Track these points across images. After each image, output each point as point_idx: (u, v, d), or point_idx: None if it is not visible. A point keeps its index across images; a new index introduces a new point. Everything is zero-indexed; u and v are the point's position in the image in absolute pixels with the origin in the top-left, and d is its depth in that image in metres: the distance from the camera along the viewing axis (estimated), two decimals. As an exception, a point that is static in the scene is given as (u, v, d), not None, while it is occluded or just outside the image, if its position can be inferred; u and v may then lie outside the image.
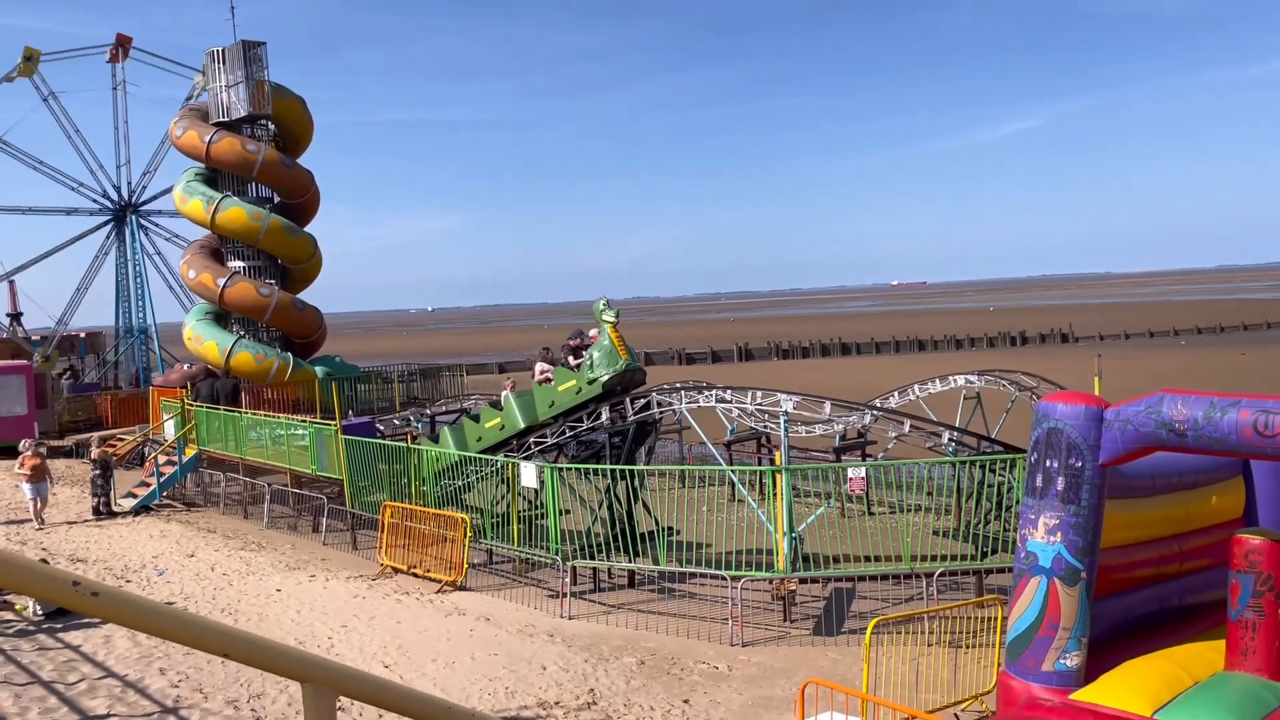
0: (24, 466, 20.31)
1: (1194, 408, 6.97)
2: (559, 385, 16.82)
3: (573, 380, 16.54)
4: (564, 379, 16.79)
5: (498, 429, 17.67)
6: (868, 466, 15.95)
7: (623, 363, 16.19)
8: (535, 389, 17.48)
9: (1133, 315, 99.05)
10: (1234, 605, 7.48)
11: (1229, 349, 58.38)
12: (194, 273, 29.63)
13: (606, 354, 16.07)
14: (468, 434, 18.15)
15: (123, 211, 43.43)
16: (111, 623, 1.79)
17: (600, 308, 16.15)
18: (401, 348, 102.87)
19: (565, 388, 16.66)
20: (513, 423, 17.51)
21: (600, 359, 16.09)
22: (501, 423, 17.68)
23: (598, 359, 16.13)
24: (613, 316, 16.11)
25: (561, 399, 16.71)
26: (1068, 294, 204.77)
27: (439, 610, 14.00)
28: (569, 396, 16.59)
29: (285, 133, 31.42)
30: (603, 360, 16.06)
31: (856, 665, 10.68)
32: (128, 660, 11.48)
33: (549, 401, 16.94)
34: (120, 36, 41.60)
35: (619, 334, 16.24)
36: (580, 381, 16.40)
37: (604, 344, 16.19)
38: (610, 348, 16.10)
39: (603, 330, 16.28)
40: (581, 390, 16.40)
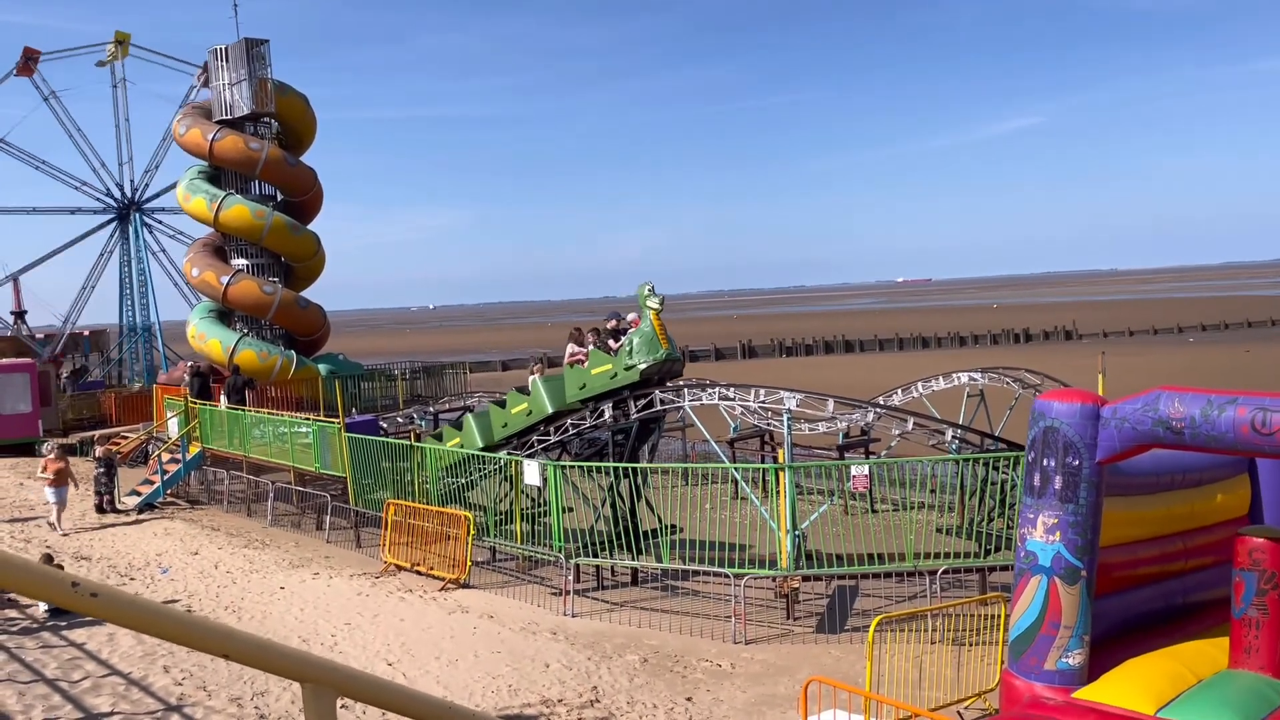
0: (46, 470, 19.90)
1: (1191, 405, 6.96)
2: (593, 368, 16.21)
3: (608, 364, 15.94)
4: (599, 362, 16.17)
5: (525, 414, 17.18)
6: (871, 464, 15.95)
7: (663, 351, 15.60)
8: (566, 371, 16.85)
9: (1137, 312, 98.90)
10: (1238, 603, 7.47)
11: (1234, 346, 58.28)
12: (197, 270, 29.67)
13: (647, 341, 15.50)
14: (493, 420, 17.76)
15: (126, 209, 43.51)
16: (111, 624, 1.79)
17: (645, 293, 15.47)
18: (404, 345, 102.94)
19: (600, 371, 16.05)
20: (540, 407, 16.99)
21: (640, 345, 15.52)
22: (529, 408, 17.16)
23: (638, 345, 15.55)
24: (657, 303, 15.45)
25: (594, 382, 16.12)
26: (1072, 291, 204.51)
27: (442, 608, 14.02)
28: (602, 380, 15.99)
29: (288, 130, 31.42)
30: (643, 347, 15.50)
31: (860, 663, 10.67)
32: (131, 658, 11.51)
33: (580, 384, 16.36)
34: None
35: (661, 321, 15.62)
36: (617, 366, 15.81)
37: (645, 330, 15.58)
38: (652, 335, 15.50)
39: (644, 316, 15.63)
40: (617, 375, 15.79)
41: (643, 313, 15.69)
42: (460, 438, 18.31)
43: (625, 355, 15.70)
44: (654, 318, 15.51)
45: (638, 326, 15.92)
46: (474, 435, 17.98)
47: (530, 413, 17.16)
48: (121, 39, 41.47)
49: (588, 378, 16.23)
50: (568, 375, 16.72)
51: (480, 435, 17.90)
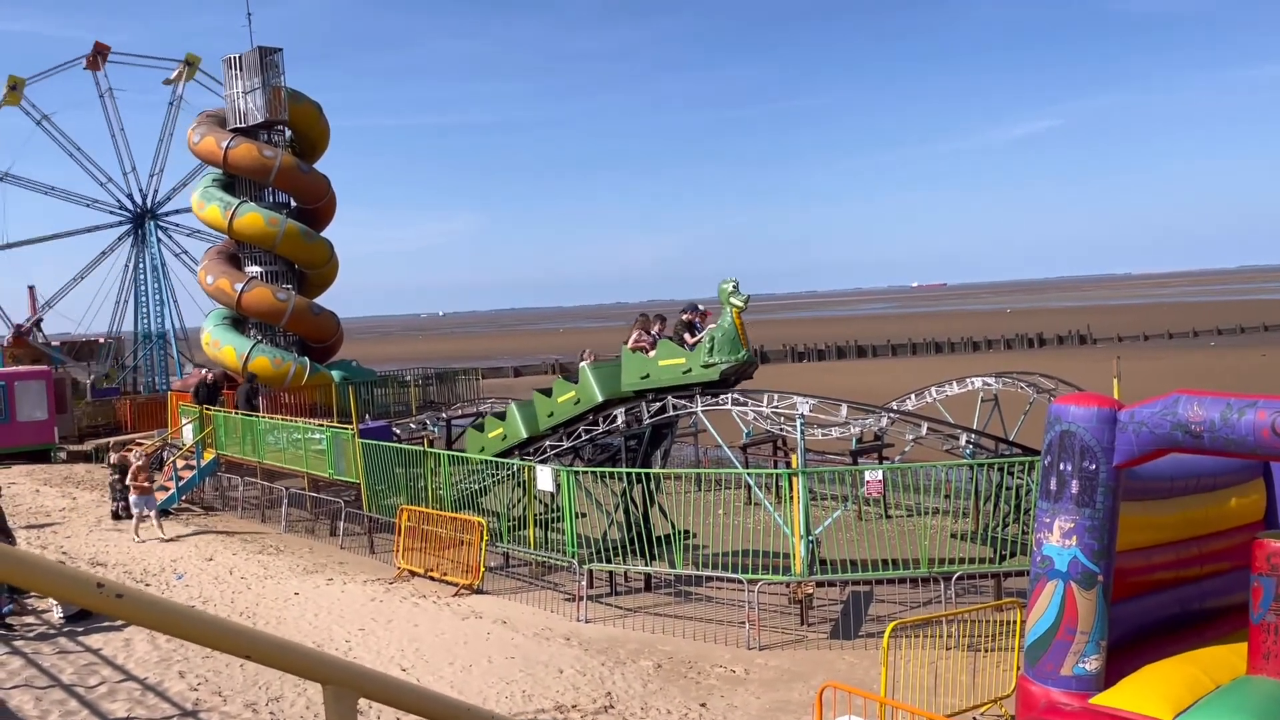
0: (138, 479, 19.49)
1: (1210, 409, 6.92)
2: (661, 359, 15.56)
3: (681, 358, 15.33)
4: (669, 354, 15.51)
5: (572, 402, 16.64)
6: (885, 469, 15.90)
7: (744, 353, 15.14)
8: (626, 356, 16.11)
9: (1152, 316, 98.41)
10: (1255, 609, 7.42)
11: (1250, 350, 57.93)
12: (212, 278, 29.86)
13: (729, 340, 14.95)
14: (539, 409, 17.21)
15: (140, 217, 43.80)
16: (135, 625, 1.81)
17: (729, 290, 14.86)
18: (417, 351, 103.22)
19: (669, 363, 15.41)
20: (589, 396, 16.42)
21: (722, 343, 14.93)
22: (577, 396, 16.60)
23: (719, 342, 14.94)
24: (741, 301, 14.86)
25: (660, 374, 15.47)
26: (1086, 295, 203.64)
27: (456, 613, 14.04)
28: (672, 373, 15.36)
29: (302, 138, 31.61)
30: (724, 345, 14.92)
31: (874, 669, 10.64)
32: (147, 663, 11.55)
33: (641, 373, 15.67)
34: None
35: (742, 321, 15.14)
36: (692, 362, 15.22)
37: (727, 328, 15.00)
38: (734, 334, 15.00)
39: (725, 313, 15.02)
40: (691, 371, 15.22)
41: (723, 310, 15.07)
42: (503, 428, 17.82)
43: (703, 352, 15.04)
44: (736, 316, 14.93)
45: (711, 322, 15.41)
46: (518, 425, 17.42)
47: (578, 401, 16.52)
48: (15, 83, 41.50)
49: (652, 367, 15.55)
50: (627, 362, 15.97)
51: (524, 425, 17.35)
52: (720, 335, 15.01)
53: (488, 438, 18.07)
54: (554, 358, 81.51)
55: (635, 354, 15.95)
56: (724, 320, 15.05)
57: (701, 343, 15.22)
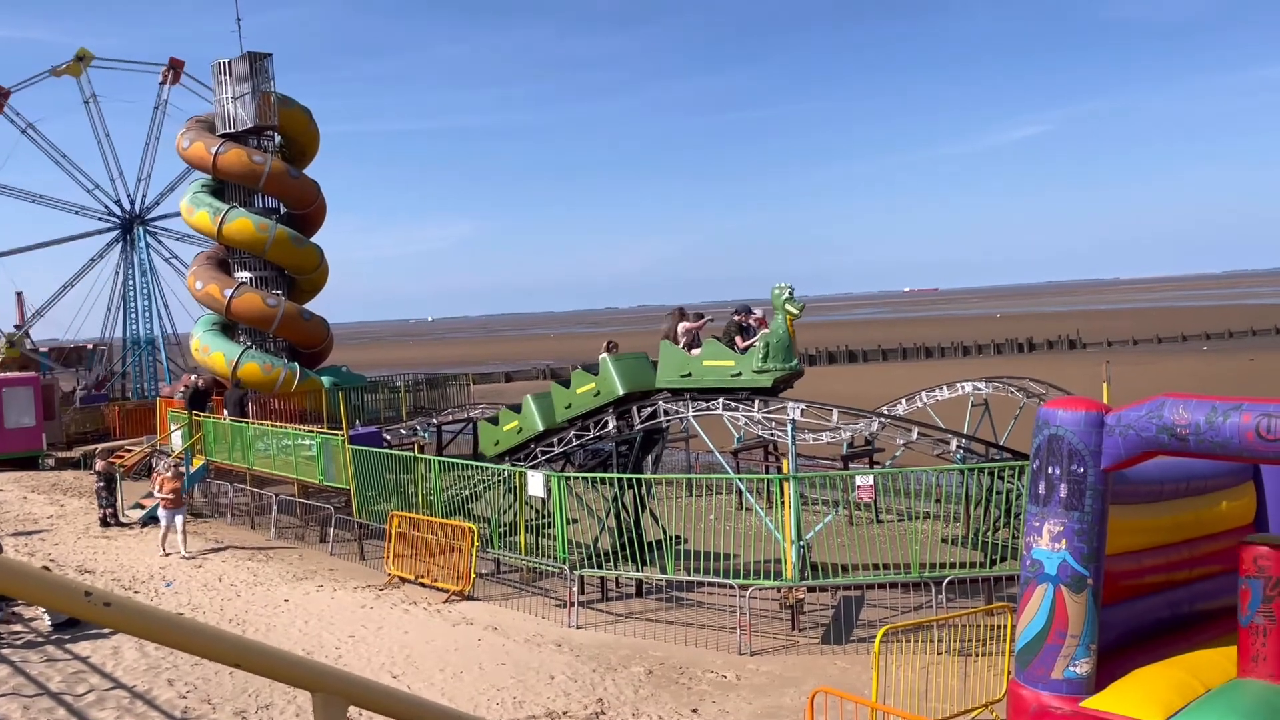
0: (163, 489, 18.66)
1: (1195, 412, 6.94)
2: (707, 358, 15.09)
3: (730, 360, 14.89)
4: (717, 354, 15.04)
5: (592, 394, 16.17)
6: (876, 474, 15.92)
7: (795, 362, 14.83)
8: (666, 350, 15.60)
9: (1141, 321, 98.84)
10: (1244, 611, 7.45)
11: (1238, 354, 58.20)
12: (201, 283, 29.74)
13: (784, 348, 14.55)
14: (556, 401, 16.79)
15: (129, 223, 43.64)
16: (124, 633, 1.80)
17: (785, 296, 14.38)
18: (407, 357, 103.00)
19: (717, 364, 14.94)
20: (610, 389, 15.96)
21: (777, 350, 14.51)
22: (597, 389, 16.13)
23: (774, 349, 14.52)
24: (796, 309, 14.42)
25: (705, 374, 14.95)
26: (1075, 300, 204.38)
27: (446, 620, 14.00)
28: (719, 375, 14.86)
29: (291, 143, 31.55)
30: (779, 352, 14.50)
31: (866, 674, 10.64)
32: (136, 671, 11.49)
33: (682, 370, 15.15)
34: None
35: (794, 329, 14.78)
36: (743, 366, 14.78)
37: (781, 335, 14.60)
38: (789, 341, 14.64)
39: (780, 320, 14.56)
40: (742, 375, 14.75)
41: (776, 316, 14.64)
42: (518, 420, 17.43)
43: (756, 357, 14.64)
44: (789, 324, 14.59)
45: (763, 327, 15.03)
46: (534, 417, 17.04)
47: (598, 393, 16.04)
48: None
49: (695, 366, 15.08)
50: (666, 357, 15.45)
51: (541, 417, 16.97)
52: (775, 342, 14.58)
53: (502, 430, 17.62)
54: (545, 363, 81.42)
55: (676, 349, 15.43)
56: (778, 327, 14.63)
57: (755, 348, 14.76)
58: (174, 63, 42.48)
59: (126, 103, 43.28)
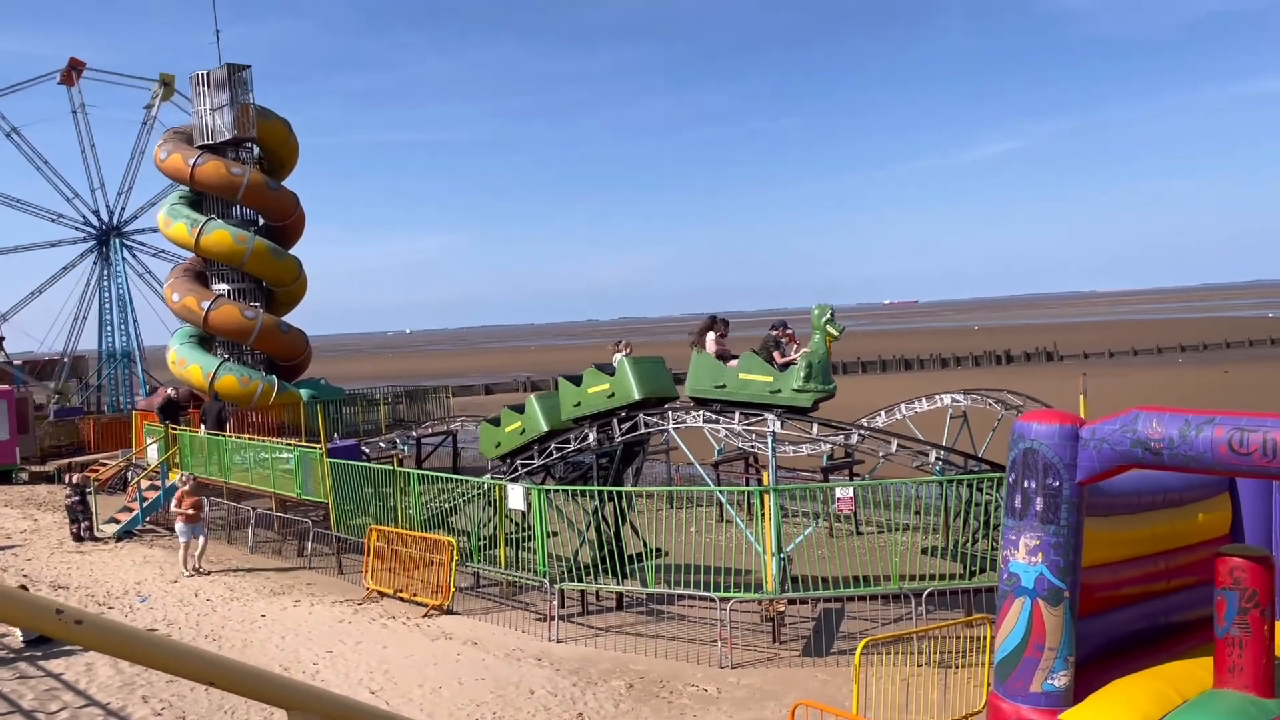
0: (183, 505, 18.15)
1: (1169, 425, 7.00)
2: (744, 371, 14.75)
3: (769, 376, 14.58)
4: (755, 369, 14.69)
5: (605, 395, 15.62)
6: (855, 486, 15.95)
7: (832, 385, 14.68)
8: (698, 360, 15.12)
9: (1117, 333, 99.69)
10: (1220, 622, 7.50)
11: (1212, 367, 58.78)
12: (178, 296, 29.55)
13: (823, 369, 14.40)
14: (563, 398, 16.14)
15: (106, 235, 43.31)
16: (95, 651, 1.77)
17: (827, 317, 14.25)
18: (386, 369, 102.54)
19: (754, 378, 14.58)
20: (625, 392, 15.39)
21: (818, 371, 14.32)
22: (611, 390, 15.57)
23: (816, 370, 14.30)
24: (836, 331, 14.32)
25: (740, 388, 14.52)
26: (1052, 312, 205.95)
27: (425, 634, 13.91)
28: (755, 390, 14.52)
29: (270, 155, 31.44)
30: (819, 373, 14.33)
31: (846, 686, 10.64)
32: (110, 688, 11.35)
33: (715, 380, 14.77)
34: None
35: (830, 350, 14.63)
36: (783, 384, 14.48)
37: (822, 356, 14.42)
38: (827, 363, 14.51)
39: (819, 341, 14.37)
40: (781, 393, 14.44)
41: (815, 335, 14.48)
42: (521, 420, 16.96)
43: (797, 376, 14.41)
44: (828, 345, 14.50)
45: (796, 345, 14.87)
46: (537, 417, 16.56)
47: (612, 395, 15.55)
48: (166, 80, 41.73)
49: (730, 378, 14.78)
50: (698, 366, 15.10)
51: (545, 417, 16.46)
52: (816, 363, 14.42)
53: (504, 432, 17.18)
54: (525, 375, 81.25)
55: (711, 359, 15.16)
56: (819, 348, 14.46)
57: (795, 366, 14.54)
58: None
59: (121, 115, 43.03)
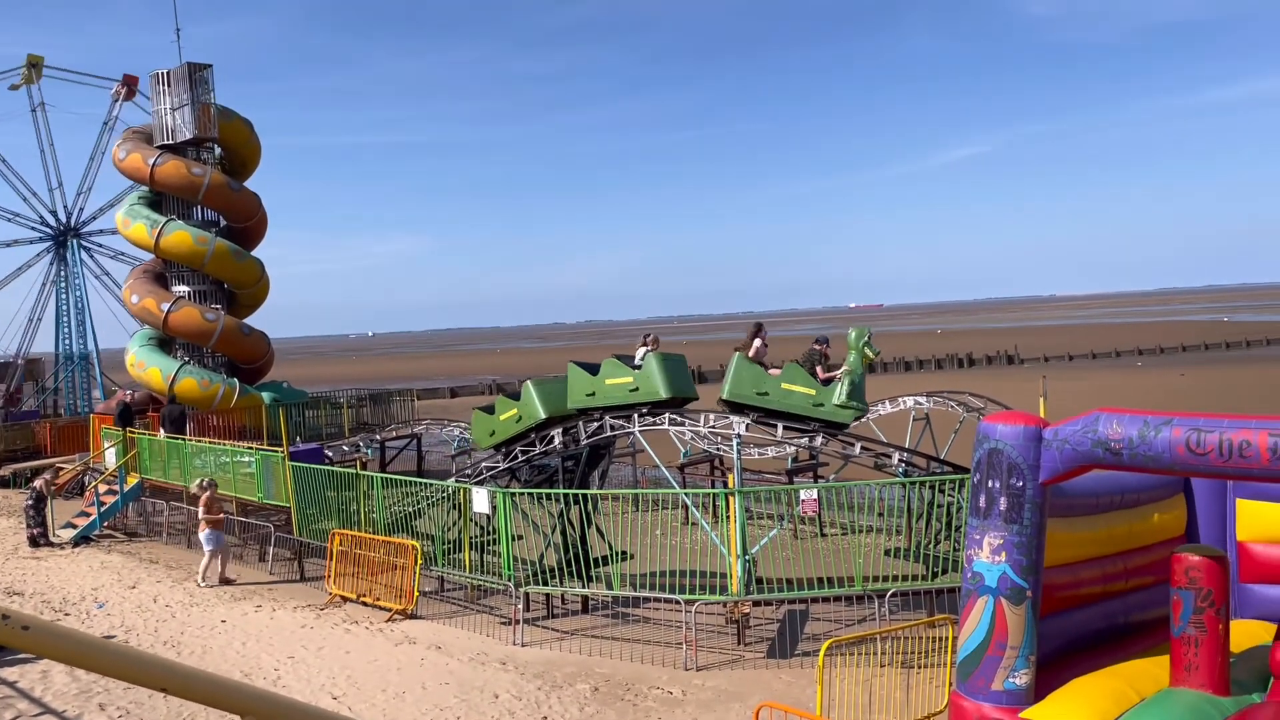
0: (210, 511, 17.64)
1: (1129, 427, 7.11)
2: (786, 381, 14.65)
3: (812, 389, 14.51)
4: (800, 380, 14.61)
5: (627, 389, 15.15)
6: (820, 488, 16.04)
7: (866, 405, 14.78)
8: (741, 364, 14.97)
9: (1076, 337, 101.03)
10: (1176, 622, 7.61)
11: (1169, 370, 59.76)
12: (137, 297, 29.13)
13: (862, 391, 14.51)
14: (573, 385, 15.55)
15: (63, 235, 42.61)
16: (44, 658, 1.73)
17: (866, 339, 14.30)
18: (350, 373, 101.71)
19: (797, 389, 14.51)
20: (651, 389, 14.98)
21: (858, 390, 14.38)
22: (635, 384, 15.14)
23: (858, 389, 14.35)
24: (873, 353, 14.41)
25: (783, 398, 14.54)
26: (1013, 316, 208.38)
27: (389, 639, 13.80)
28: (798, 401, 14.48)
29: (232, 156, 31.10)
30: (858, 394, 14.39)
31: (810, 687, 10.68)
32: (66, 696, 11.15)
33: (758, 388, 14.61)
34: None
35: None
36: (825, 398, 14.45)
37: (860, 376, 14.43)
38: (864, 384, 14.55)
39: (857, 360, 14.33)
40: (824, 407, 14.44)
41: (853, 355, 14.46)
42: (517, 408, 16.37)
43: (840, 392, 14.43)
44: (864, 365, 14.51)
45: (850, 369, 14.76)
46: (534, 405, 16.00)
47: (635, 389, 15.19)
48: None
49: (773, 387, 14.66)
50: (741, 371, 14.93)
51: (543, 404, 15.92)
52: (860, 383, 14.51)
53: (499, 420, 16.64)
54: (491, 378, 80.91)
55: (756, 365, 15.07)
56: (858, 368, 14.47)
57: (839, 382, 14.53)
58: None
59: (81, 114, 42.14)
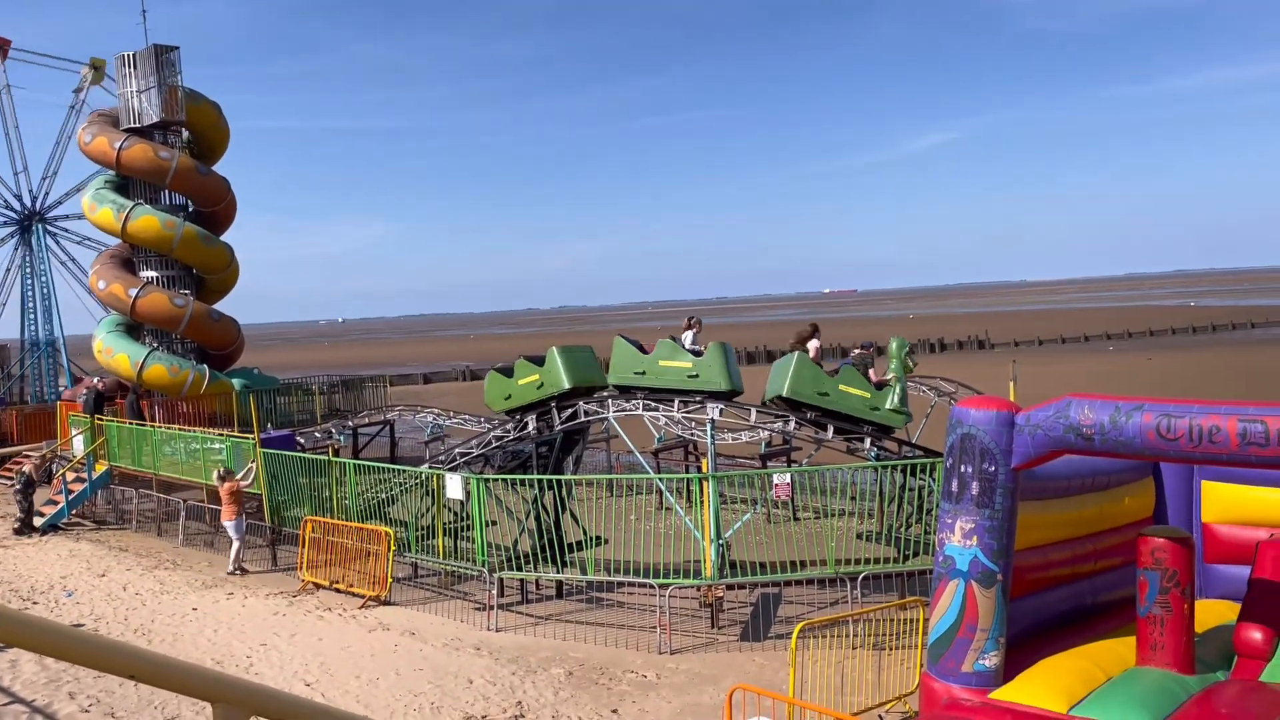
0: (235, 500, 17.21)
1: (1100, 412, 7.18)
2: (843, 384, 14.99)
3: (867, 393, 14.93)
4: (857, 384, 15.01)
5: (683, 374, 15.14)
6: (792, 472, 16.12)
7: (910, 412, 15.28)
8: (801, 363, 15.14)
9: (1046, 322, 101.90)
10: (1142, 602, 7.72)
11: (1138, 354, 60.44)
12: (104, 283, 28.72)
13: (904, 398, 14.98)
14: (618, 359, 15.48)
15: (28, 220, 41.92)
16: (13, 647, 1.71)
17: (907, 350, 15.08)
18: (321, 359, 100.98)
19: (853, 391, 14.88)
20: (711, 377, 15.06)
21: (901, 399, 14.87)
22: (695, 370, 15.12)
23: (903, 396, 14.91)
24: (913, 364, 15.33)
25: (841, 399, 14.92)
26: (984, 301, 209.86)
27: (362, 626, 13.75)
28: (855, 404, 14.85)
29: (200, 139, 30.68)
30: (903, 401, 14.89)
31: (783, 670, 10.76)
32: (35, 685, 11.04)
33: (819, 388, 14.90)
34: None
35: None
36: (879, 402, 14.88)
37: (904, 384, 15.05)
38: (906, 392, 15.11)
39: (898, 368, 15.01)
40: (879, 411, 14.87)
41: (894, 363, 15.08)
42: (539, 374, 16.06)
43: (892, 398, 14.90)
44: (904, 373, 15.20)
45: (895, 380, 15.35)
46: (558, 372, 15.73)
47: (695, 375, 15.14)
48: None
49: (832, 388, 15.00)
50: (801, 369, 15.09)
51: (568, 373, 15.59)
52: (904, 390, 15.04)
53: (517, 384, 16.29)
54: (464, 364, 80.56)
55: (815, 365, 15.35)
56: (901, 375, 15.08)
57: (890, 388, 15.04)
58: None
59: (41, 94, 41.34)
